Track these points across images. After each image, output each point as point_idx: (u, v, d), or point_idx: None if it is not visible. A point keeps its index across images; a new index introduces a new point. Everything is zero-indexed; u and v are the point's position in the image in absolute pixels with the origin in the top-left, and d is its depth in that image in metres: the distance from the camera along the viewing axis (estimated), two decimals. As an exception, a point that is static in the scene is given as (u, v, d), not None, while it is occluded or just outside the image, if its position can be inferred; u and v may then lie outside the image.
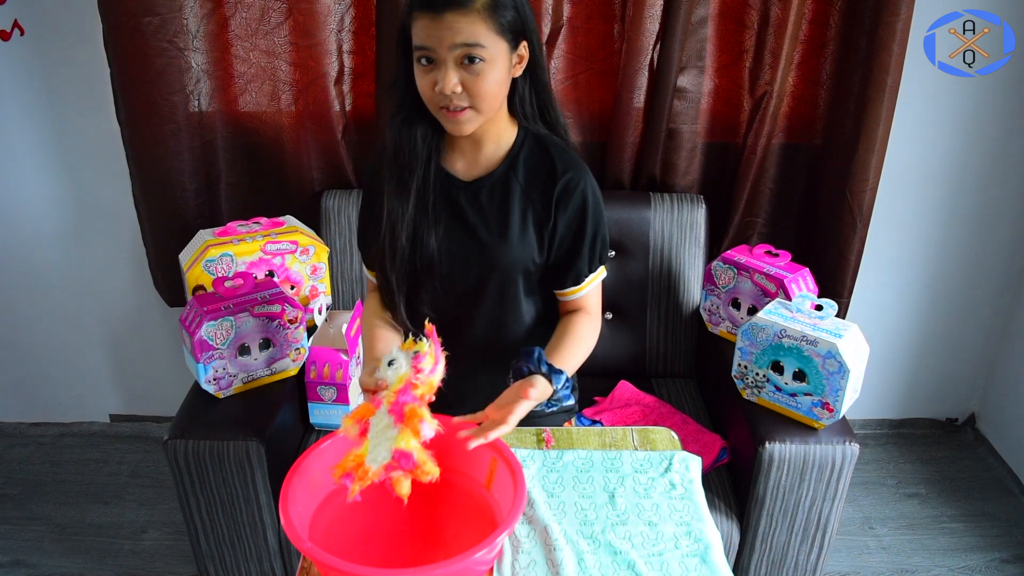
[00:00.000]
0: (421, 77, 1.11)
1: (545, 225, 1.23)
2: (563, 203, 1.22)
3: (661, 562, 1.01)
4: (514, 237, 1.22)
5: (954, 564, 1.91)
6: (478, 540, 0.86)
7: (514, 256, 1.23)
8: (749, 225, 1.95)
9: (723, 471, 1.63)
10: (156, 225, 1.86)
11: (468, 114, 1.12)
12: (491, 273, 1.24)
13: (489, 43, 1.07)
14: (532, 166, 1.23)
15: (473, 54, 1.07)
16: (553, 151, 1.23)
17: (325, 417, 1.63)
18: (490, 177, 1.23)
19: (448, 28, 1.05)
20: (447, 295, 1.26)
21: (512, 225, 1.22)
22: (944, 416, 2.38)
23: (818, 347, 1.38)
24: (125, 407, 2.36)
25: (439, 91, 1.09)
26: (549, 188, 1.22)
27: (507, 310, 1.29)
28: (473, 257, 1.23)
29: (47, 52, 1.85)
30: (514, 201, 1.22)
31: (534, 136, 1.24)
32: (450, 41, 1.06)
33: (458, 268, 1.24)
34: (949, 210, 2.06)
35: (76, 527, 2.00)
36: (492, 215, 1.22)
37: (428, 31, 1.06)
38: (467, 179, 1.24)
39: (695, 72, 1.79)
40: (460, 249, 1.23)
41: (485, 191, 1.23)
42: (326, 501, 1.03)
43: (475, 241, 1.23)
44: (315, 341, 1.62)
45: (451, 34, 1.05)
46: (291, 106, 1.82)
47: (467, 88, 1.09)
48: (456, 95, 1.09)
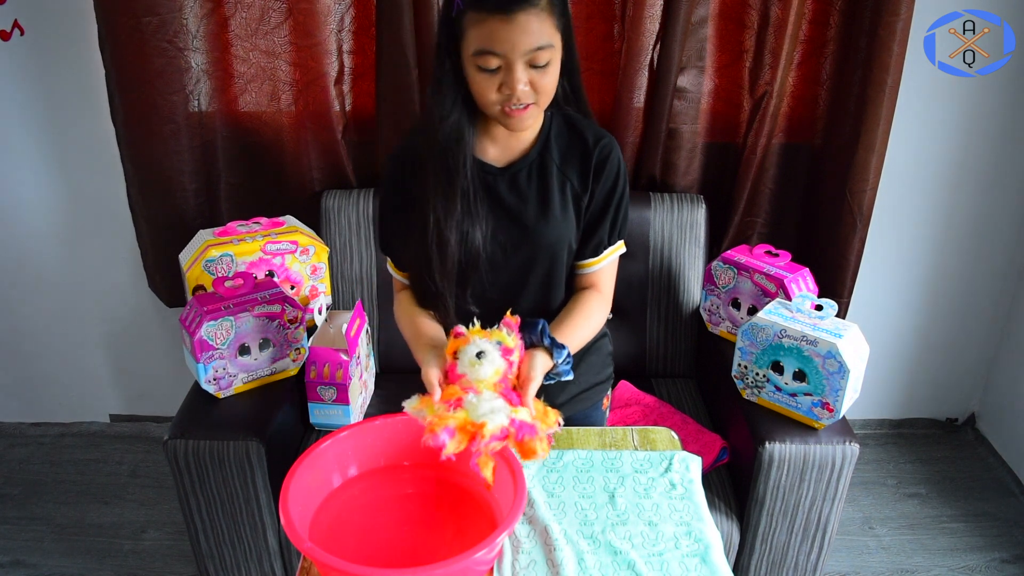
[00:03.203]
0: (483, 81, 1.07)
1: (582, 198, 1.22)
2: (600, 172, 1.21)
3: (661, 562, 1.01)
4: (556, 216, 1.20)
5: (954, 564, 1.91)
6: (478, 540, 0.86)
7: (558, 234, 1.21)
8: (749, 225, 1.95)
9: (723, 471, 1.63)
10: (155, 225, 1.86)
11: (531, 110, 1.10)
12: (537, 254, 1.22)
13: (555, 40, 1.06)
14: (564, 143, 1.22)
15: (544, 55, 1.04)
16: (581, 125, 1.23)
17: (325, 417, 1.63)
18: (525, 160, 1.21)
19: (521, 31, 1.01)
20: (493, 285, 1.24)
21: (553, 204, 1.20)
22: (944, 416, 2.38)
23: (818, 347, 1.38)
24: (125, 407, 2.36)
25: (506, 94, 1.06)
26: (586, 161, 1.21)
27: (551, 291, 1.27)
28: (519, 242, 1.21)
29: (47, 52, 1.85)
30: (552, 180, 1.21)
31: (560, 115, 1.23)
32: (524, 46, 1.02)
33: (504, 255, 1.22)
34: (949, 210, 2.06)
35: (76, 527, 2.00)
36: (533, 197, 1.20)
37: (497, 34, 1.02)
38: (501, 164, 1.21)
39: (695, 72, 1.79)
40: (505, 236, 1.21)
41: (523, 174, 1.21)
42: (326, 501, 1.03)
43: (519, 226, 1.21)
44: (315, 341, 1.62)
45: (525, 38, 1.02)
46: (291, 106, 1.82)
47: (533, 86, 1.07)
48: (524, 94, 1.07)
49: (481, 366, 0.95)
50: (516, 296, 1.26)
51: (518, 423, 0.91)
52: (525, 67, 1.05)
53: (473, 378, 0.96)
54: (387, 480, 1.08)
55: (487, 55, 1.04)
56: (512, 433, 0.91)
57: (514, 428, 0.91)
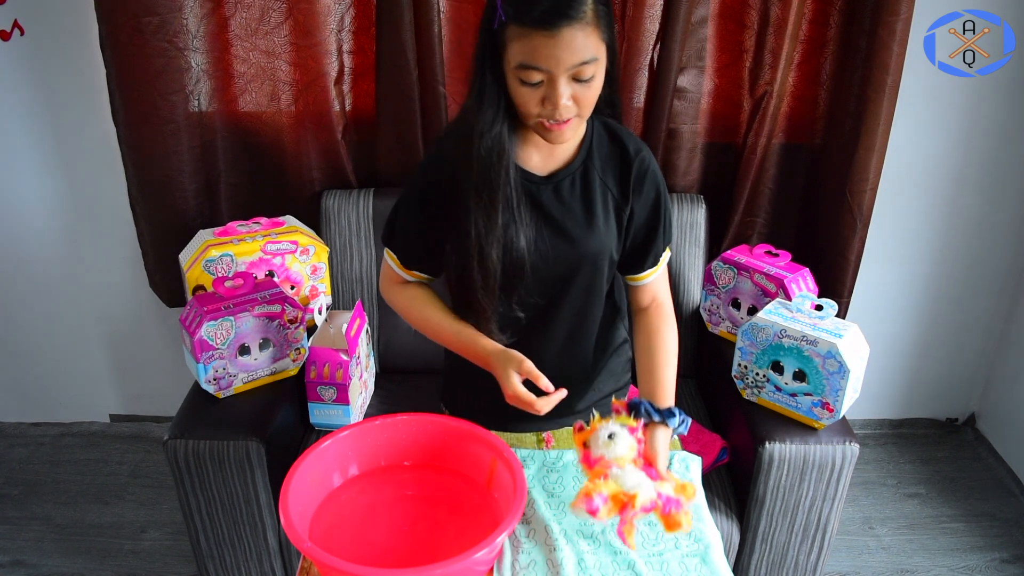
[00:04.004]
0: (525, 94, 1.04)
1: (623, 209, 1.21)
2: (640, 185, 1.20)
3: (661, 562, 1.01)
4: (600, 226, 1.19)
5: (954, 564, 1.91)
6: (478, 540, 0.86)
7: (601, 244, 1.20)
8: (749, 225, 1.94)
9: (723, 471, 1.63)
10: (155, 225, 1.86)
11: (573, 123, 1.08)
12: (581, 264, 1.20)
13: (600, 53, 1.02)
14: (605, 152, 1.21)
15: (588, 69, 1.01)
16: (621, 134, 1.21)
17: (325, 417, 1.63)
18: (569, 168, 1.18)
19: (565, 47, 0.98)
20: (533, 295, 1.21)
21: (597, 214, 1.19)
22: (944, 416, 2.38)
23: (818, 347, 1.38)
24: (125, 407, 2.36)
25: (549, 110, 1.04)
26: (625, 171, 1.20)
27: (591, 298, 1.26)
28: (562, 252, 1.19)
29: (47, 52, 1.85)
30: (595, 189, 1.19)
31: (600, 123, 1.22)
32: (569, 62, 0.99)
33: (546, 264, 1.19)
34: (949, 210, 2.06)
35: (76, 527, 2.00)
36: (576, 206, 1.19)
37: (540, 50, 0.98)
38: (544, 173, 1.19)
39: (695, 72, 1.79)
40: (548, 246, 1.18)
41: (567, 183, 1.18)
42: (326, 501, 1.03)
43: (563, 236, 1.18)
44: (315, 341, 1.62)
45: (569, 54, 0.98)
46: (291, 106, 1.82)
47: (576, 100, 1.04)
48: (566, 109, 1.04)
49: (616, 445, 1.01)
50: (557, 303, 1.24)
51: (664, 497, 0.97)
52: (569, 81, 1.02)
53: (611, 457, 1.00)
54: (387, 480, 1.08)
55: (530, 70, 1.00)
56: (659, 505, 0.96)
57: (661, 501, 0.96)
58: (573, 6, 0.97)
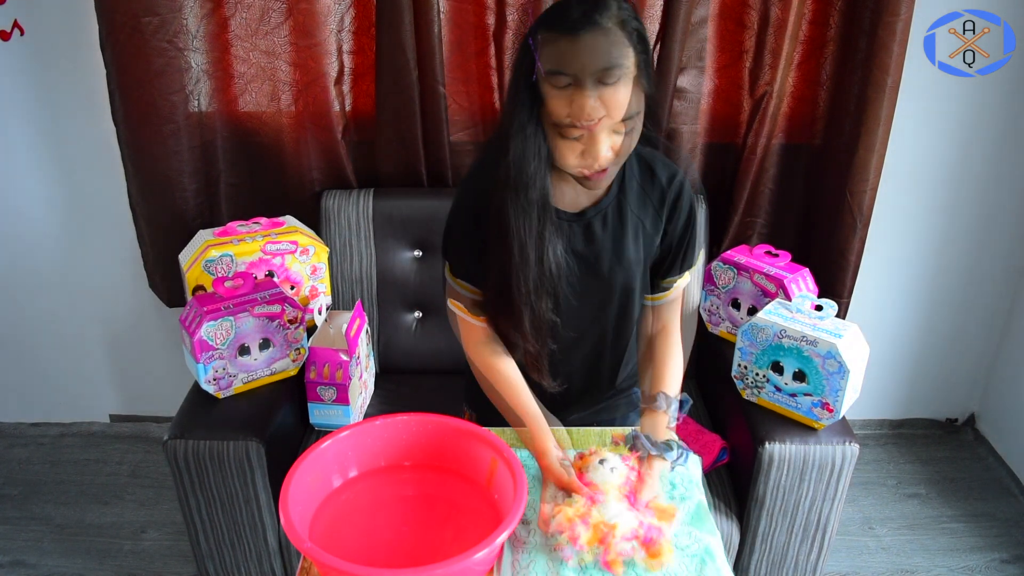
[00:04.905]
0: (564, 146, 1.02)
1: (655, 238, 1.21)
2: (674, 211, 1.20)
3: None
4: (630, 259, 1.19)
5: (954, 564, 1.91)
6: (478, 540, 0.86)
7: (630, 277, 1.20)
8: (749, 225, 1.94)
9: (723, 471, 1.63)
10: (155, 225, 1.86)
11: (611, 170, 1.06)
12: (611, 297, 1.22)
13: (641, 107, 1.01)
14: (638, 185, 1.18)
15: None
16: (654, 163, 1.19)
17: (325, 417, 1.63)
18: (600, 206, 1.16)
19: (611, 101, 0.96)
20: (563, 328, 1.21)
21: (627, 248, 1.18)
22: (944, 416, 2.38)
23: (818, 347, 1.38)
24: (125, 407, 2.36)
25: (588, 161, 1.02)
26: (660, 201, 1.19)
27: (624, 321, 1.27)
28: (591, 288, 1.19)
29: (47, 52, 1.85)
30: (628, 225, 1.18)
31: (634, 154, 1.16)
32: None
33: (578, 299, 1.19)
34: (949, 210, 2.06)
35: (76, 527, 2.00)
36: (607, 244, 1.18)
37: (583, 109, 0.96)
38: (575, 211, 1.16)
39: (695, 72, 1.79)
40: (578, 280, 1.17)
41: (598, 220, 1.17)
42: (326, 501, 1.03)
43: (592, 273, 1.18)
44: (315, 341, 1.62)
45: (615, 108, 0.97)
46: (291, 106, 1.82)
47: (615, 150, 1.02)
48: (605, 160, 1.02)
49: (604, 471, 1.05)
50: (589, 331, 1.26)
51: (647, 526, 0.99)
52: (609, 133, 1.00)
53: (600, 481, 1.05)
54: (387, 480, 1.08)
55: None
56: (640, 535, 0.98)
57: (642, 530, 0.99)
58: (618, 65, 0.95)
